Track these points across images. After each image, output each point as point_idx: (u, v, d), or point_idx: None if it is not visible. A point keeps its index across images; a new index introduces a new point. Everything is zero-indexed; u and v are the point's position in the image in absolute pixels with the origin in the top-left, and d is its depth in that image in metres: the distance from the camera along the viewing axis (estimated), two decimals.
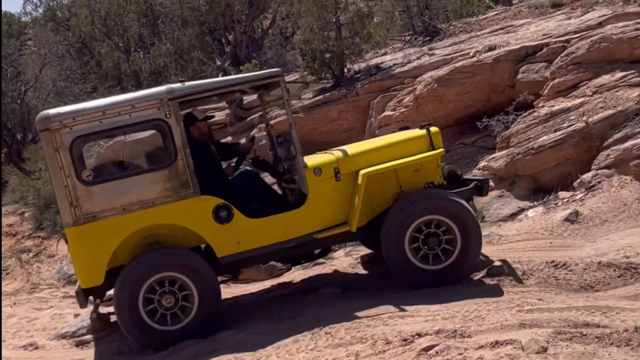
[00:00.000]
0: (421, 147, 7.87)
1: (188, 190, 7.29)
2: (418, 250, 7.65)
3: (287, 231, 7.55)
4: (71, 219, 7.16)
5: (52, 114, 7.21)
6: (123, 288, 7.17)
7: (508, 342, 6.01)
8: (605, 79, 11.34)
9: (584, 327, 6.40)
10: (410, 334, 6.36)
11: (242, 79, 7.77)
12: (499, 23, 16.54)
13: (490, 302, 7.20)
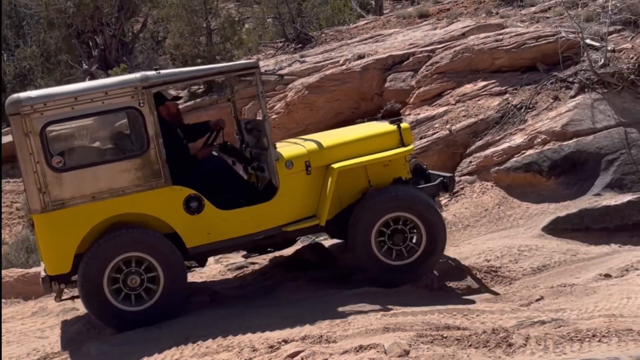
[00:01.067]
0: (391, 142, 7.92)
1: (159, 179, 7.20)
2: (384, 245, 7.70)
3: (256, 223, 7.53)
4: (39, 206, 7.00)
5: (22, 97, 6.98)
6: (89, 265, 7.03)
7: (372, 346, 6.11)
8: (468, 88, 11.74)
9: (445, 329, 6.57)
10: (276, 340, 6.38)
11: (218, 69, 7.80)
12: (369, 32, 16.85)
13: (357, 307, 7.31)
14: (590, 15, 12.14)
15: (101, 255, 7.07)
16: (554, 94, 10.98)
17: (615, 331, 6.33)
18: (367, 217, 7.62)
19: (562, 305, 7.28)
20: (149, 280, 7.21)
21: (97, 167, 7.13)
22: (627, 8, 11.75)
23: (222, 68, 7.78)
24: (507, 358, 5.94)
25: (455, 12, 16.15)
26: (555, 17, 13.10)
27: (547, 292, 7.68)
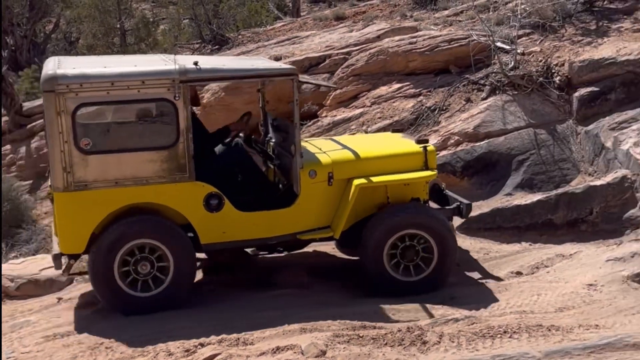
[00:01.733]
0: (415, 163, 7.93)
1: (184, 174, 7.20)
2: (395, 260, 7.70)
3: (273, 228, 7.55)
4: (62, 184, 6.98)
5: (59, 75, 6.89)
6: (103, 247, 7.10)
7: (289, 347, 6.14)
8: (383, 90, 11.87)
9: (361, 329, 6.65)
10: (193, 344, 6.35)
11: (258, 72, 7.60)
12: (286, 34, 16.86)
13: (274, 309, 7.32)
14: (500, 19, 12.42)
15: (116, 239, 7.13)
16: (467, 95, 11.21)
17: (526, 327, 6.51)
18: (381, 232, 7.63)
19: (475, 303, 7.43)
20: (159, 268, 7.27)
21: (123, 154, 7.13)
22: (535, 12, 12.06)
23: (262, 72, 7.62)
24: (421, 355, 6.04)
25: (371, 15, 16.31)
26: (467, 21, 13.37)
27: (461, 290, 7.82)
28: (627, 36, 11.38)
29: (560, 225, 9.19)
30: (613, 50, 10.75)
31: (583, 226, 9.18)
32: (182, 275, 7.32)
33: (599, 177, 9.63)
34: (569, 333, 6.34)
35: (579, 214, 9.18)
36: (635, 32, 11.51)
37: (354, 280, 8.03)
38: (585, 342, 6.01)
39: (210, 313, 7.19)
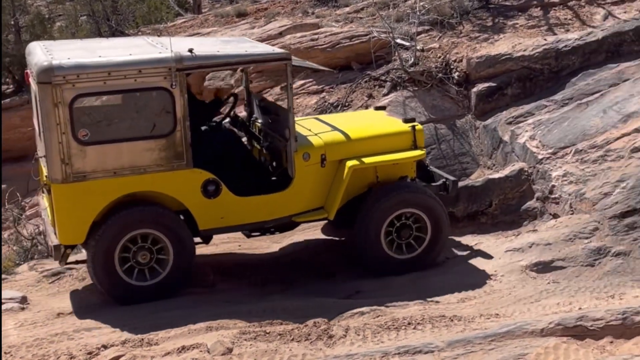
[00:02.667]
0: (405, 142, 8.09)
1: (181, 161, 7.23)
2: (390, 239, 7.91)
3: (269, 212, 7.67)
4: (60, 176, 6.95)
5: (55, 65, 6.79)
6: (103, 238, 7.13)
7: (194, 346, 6.09)
8: None
9: (267, 325, 6.65)
10: (95, 346, 6.22)
11: (252, 57, 7.56)
12: (187, 31, 16.68)
13: (179, 308, 7.24)
14: (400, 16, 12.58)
15: (116, 229, 7.15)
16: (368, 92, 11.32)
17: (430, 318, 6.63)
18: (380, 211, 7.81)
19: (380, 296, 7.52)
20: (157, 257, 7.33)
21: (121, 144, 7.08)
22: (434, 9, 12.27)
23: (256, 57, 7.58)
24: (327, 350, 6.08)
25: (273, 12, 16.29)
26: (368, 18, 13.49)
27: (367, 284, 7.90)
28: (522, 32, 11.71)
29: (461, 217, 9.37)
30: (509, 46, 11.05)
31: (483, 218, 9.39)
32: (181, 264, 7.39)
33: (497, 170, 9.89)
34: (470, 322, 6.49)
35: (478, 206, 9.39)
36: (529, 28, 11.85)
37: (260, 277, 8.02)
38: (486, 331, 6.17)
39: (114, 314, 7.06)
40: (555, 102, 10.31)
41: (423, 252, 8.05)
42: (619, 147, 8.91)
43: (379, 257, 7.94)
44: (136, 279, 7.32)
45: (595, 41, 10.93)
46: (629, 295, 6.83)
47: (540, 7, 12.32)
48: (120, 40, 8.37)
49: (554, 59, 10.83)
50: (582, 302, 6.77)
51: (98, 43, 8.08)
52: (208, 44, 8.01)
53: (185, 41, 7.85)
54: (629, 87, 9.89)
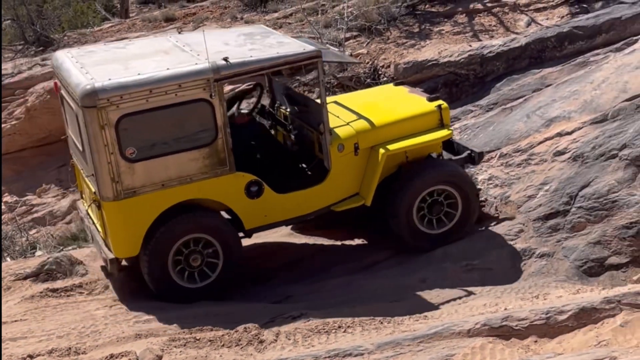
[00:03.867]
0: (432, 122, 8.28)
1: (225, 167, 7.43)
2: (422, 214, 8.17)
3: (309, 205, 7.91)
4: (112, 194, 7.13)
5: (98, 89, 6.87)
6: (157, 245, 7.31)
7: (123, 354, 6.03)
8: None
9: (198, 332, 6.61)
10: (21, 356, 6.10)
11: (285, 59, 7.52)
12: (114, 35, 16.48)
13: (109, 316, 7.15)
14: (328, 21, 12.68)
15: (169, 236, 7.35)
16: None
17: (360, 321, 6.68)
18: (413, 190, 8.04)
19: (311, 300, 7.56)
20: (209, 259, 7.56)
21: (167, 157, 7.23)
22: (362, 15, 12.40)
23: (289, 58, 7.53)
24: (258, 355, 6.09)
25: (202, 17, 16.23)
26: (297, 23, 13.56)
27: (298, 288, 7.93)
28: (448, 39, 11.92)
29: None
30: (435, 52, 11.23)
31: None
32: (231, 265, 7.62)
33: None
34: (399, 324, 6.57)
35: None
36: (455, 34, 12.07)
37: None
38: (414, 333, 6.25)
39: (39, 322, 6.93)
40: (480, 107, 10.53)
41: (454, 226, 8.34)
42: (542, 151, 9.13)
43: (411, 231, 8.20)
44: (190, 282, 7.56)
45: (519, 47, 11.19)
46: (553, 296, 7.00)
47: (465, 13, 12.56)
48: (145, 44, 8.25)
49: (479, 65, 11.07)
50: (508, 303, 6.91)
51: (124, 49, 8.03)
52: (233, 42, 7.97)
53: (209, 38, 7.74)
54: (551, 92, 10.15)
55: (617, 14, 11.22)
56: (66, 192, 12.60)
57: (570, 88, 9.94)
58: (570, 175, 8.62)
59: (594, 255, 7.97)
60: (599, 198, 8.27)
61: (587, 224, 8.20)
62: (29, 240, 10.55)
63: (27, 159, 12.99)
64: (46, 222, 11.94)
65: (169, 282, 7.48)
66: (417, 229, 8.23)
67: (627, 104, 9.12)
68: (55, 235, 10.99)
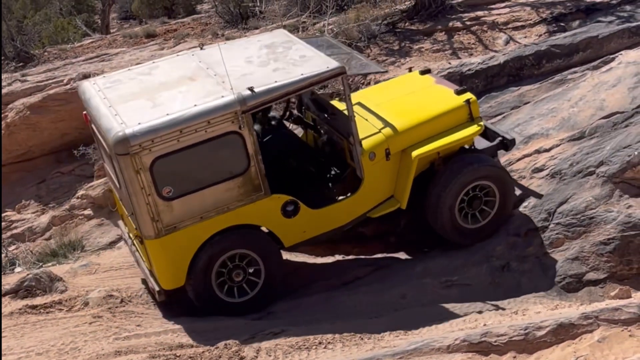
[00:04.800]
0: (461, 117, 8.25)
1: (260, 192, 7.51)
2: (462, 210, 8.20)
3: (346, 216, 7.98)
4: (153, 232, 7.25)
5: (129, 136, 6.91)
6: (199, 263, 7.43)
7: None
8: None
9: (178, 348, 6.62)
10: None
11: (311, 80, 7.50)
12: (95, 51, 16.47)
13: (88, 333, 7.13)
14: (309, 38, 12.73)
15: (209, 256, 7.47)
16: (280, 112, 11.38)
17: (340, 337, 6.71)
18: (453, 189, 8.04)
19: (291, 316, 7.56)
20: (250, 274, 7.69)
21: (203, 191, 7.32)
22: (342, 33, 12.47)
23: (314, 79, 7.51)
24: None
25: (182, 33, 16.26)
26: None
27: (279, 305, 7.93)
28: (428, 56, 12.01)
29: (371, 237, 9.49)
30: None
31: (392, 238, 9.54)
32: (273, 277, 7.74)
33: None
34: (380, 340, 6.60)
35: (388, 226, 9.52)
36: (435, 52, 12.16)
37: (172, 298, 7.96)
38: (394, 349, 6.28)
39: (18, 339, 6.90)
40: None
41: (492, 219, 8.39)
42: (521, 168, 9.20)
43: (452, 228, 8.27)
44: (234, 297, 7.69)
45: (498, 65, 11.29)
46: (531, 311, 7.06)
47: (444, 31, 12.67)
48: (170, 67, 8.15)
49: (458, 82, 11.12)
50: (487, 319, 6.95)
51: (149, 75, 7.98)
52: (255, 58, 7.95)
53: (231, 54, 7.86)
54: (529, 109, 10.24)
55: (594, 32, 11.37)
56: (45, 208, 12.55)
57: (548, 105, 10.05)
58: (549, 192, 8.70)
59: (572, 271, 8.04)
60: (577, 214, 8.35)
61: (565, 240, 8.27)
62: (8, 257, 10.48)
63: (6, 174, 12.90)
64: (25, 238, 11.86)
65: (214, 298, 7.61)
66: (459, 225, 8.30)
67: (604, 121, 9.23)
68: (34, 252, 10.92)
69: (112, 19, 26.91)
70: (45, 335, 7.10)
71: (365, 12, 13.26)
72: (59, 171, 12.94)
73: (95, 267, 9.18)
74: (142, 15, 23.92)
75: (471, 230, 8.40)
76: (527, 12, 12.73)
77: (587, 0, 12.61)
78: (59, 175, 12.89)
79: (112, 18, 26.83)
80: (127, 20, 26.90)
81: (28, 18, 18.84)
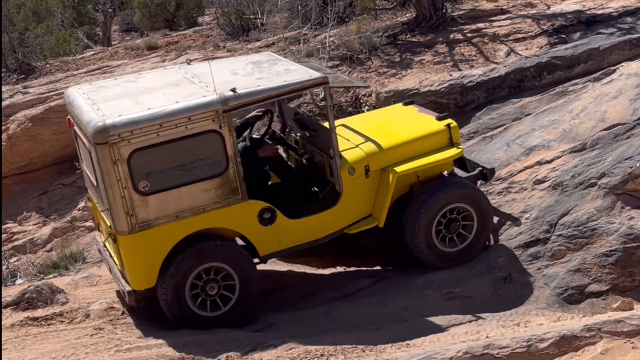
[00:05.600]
0: (442, 141, 8.29)
1: (237, 196, 7.47)
2: (440, 233, 8.19)
3: (323, 229, 7.94)
4: (127, 228, 7.18)
5: (109, 125, 6.91)
6: (173, 276, 7.34)
7: None
8: None
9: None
10: None
11: (292, 87, 7.55)
12: (96, 63, 16.54)
13: (89, 345, 7.11)
14: (310, 50, 12.78)
15: (184, 266, 7.38)
16: None
17: (342, 349, 6.69)
18: (430, 209, 8.03)
19: (293, 328, 7.54)
20: (225, 287, 7.58)
21: (180, 189, 7.27)
22: (344, 44, 12.52)
23: (296, 86, 7.58)
24: None
25: (184, 45, 16.32)
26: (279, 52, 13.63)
27: (280, 317, 7.92)
28: (429, 68, 12.04)
29: (373, 249, 9.47)
30: (416, 82, 11.33)
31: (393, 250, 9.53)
32: (247, 290, 7.64)
33: None
34: (382, 353, 6.59)
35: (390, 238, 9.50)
36: (436, 64, 12.19)
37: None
38: None
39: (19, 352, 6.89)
40: (461, 136, 10.59)
41: (470, 243, 8.35)
42: (523, 179, 9.21)
43: (430, 251, 8.23)
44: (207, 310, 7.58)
45: (499, 77, 11.32)
46: (534, 323, 7.05)
47: (445, 43, 12.70)
48: (156, 77, 8.22)
49: (460, 94, 11.18)
50: (489, 331, 6.94)
51: (135, 83, 8.02)
52: (240, 71, 8.00)
53: (218, 68, 7.88)
54: (530, 121, 10.26)
55: (595, 44, 11.40)
56: (47, 220, 12.56)
57: (550, 117, 10.06)
58: (550, 204, 8.70)
59: (574, 282, 8.03)
60: (579, 226, 8.35)
61: (567, 252, 8.27)
62: (9, 269, 10.48)
63: (8, 186, 12.94)
64: (27, 250, 11.88)
65: (186, 310, 7.51)
66: (436, 247, 8.27)
67: (606, 133, 9.25)
68: (36, 264, 10.93)
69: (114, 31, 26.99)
70: (46, 347, 7.09)
71: (367, 24, 13.33)
72: (61, 183, 12.97)
73: (97, 279, 9.18)
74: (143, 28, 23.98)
75: (448, 254, 8.35)
76: (528, 24, 12.77)
77: (588, 12, 12.64)
78: (61, 187, 12.92)
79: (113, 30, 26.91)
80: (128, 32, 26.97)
81: (30, 30, 18.91)
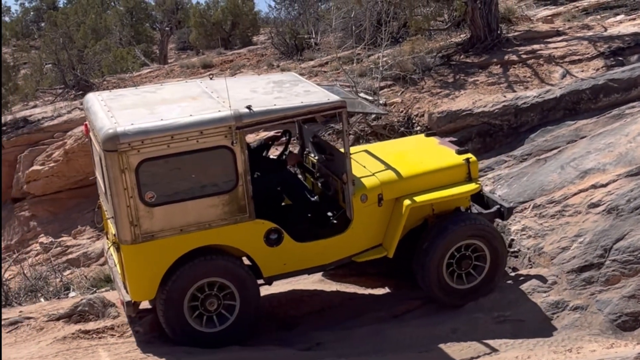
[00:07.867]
0: (459, 176, 8.15)
1: (244, 214, 7.36)
2: (451, 269, 8.02)
3: (330, 255, 7.80)
4: (130, 237, 7.11)
5: (120, 133, 6.87)
6: (173, 289, 7.25)
7: None
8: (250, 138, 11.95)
9: None
10: None
11: (309, 109, 7.46)
12: (152, 81, 16.78)
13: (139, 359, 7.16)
14: (364, 70, 12.80)
15: (184, 280, 7.28)
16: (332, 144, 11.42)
17: None
18: (442, 244, 7.89)
19: (340, 347, 7.51)
20: (225, 304, 7.48)
21: (186, 203, 7.20)
22: (397, 65, 12.51)
23: (312, 108, 7.49)
24: None
25: (238, 64, 16.49)
26: (332, 72, 13.70)
27: (327, 335, 7.89)
28: (483, 89, 11.96)
29: None
30: (469, 102, 11.26)
31: None
32: (248, 308, 7.52)
33: None
34: None
35: None
36: (489, 85, 12.12)
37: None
38: None
39: None
40: (514, 158, 10.51)
41: (482, 281, 8.19)
42: (577, 203, 9.08)
43: (439, 287, 8.07)
44: (205, 326, 7.47)
45: (554, 99, 11.21)
46: (586, 349, 6.92)
47: (500, 64, 12.62)
48: (174, 88, 8.26)
49: (513, 115, 11.08)
50: (541, 356, 6.83)
51: (154, 93, 8.03)
52: (260, 89, 7.98)
53: (238, 85, 7.89)
54: (585, 143, 10.12)
55: None
56: (100, 234, 12.73)
57: (605, 140, 9.91)
58: (605, 228, 8.55)
59: (629, 309, 7.86)
60: (634, 251, 8.18)
61: (622, 277, 8.11)
62: (62, 281, 10.64)
63: (63, 200, 13.17)
64: (80, 263, 12.05)
65: (185, 326, 7.40)
66: (446, 284, 8.09)
67: None
68: (88, 277, 11.08)
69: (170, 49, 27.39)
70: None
71: (420, 45, 13.31)
72: None
73: None
74: (199, 46, 24.31)
75: (458, 291, 8.17)
76: (584, 46, 12.62)
77: None
78: None
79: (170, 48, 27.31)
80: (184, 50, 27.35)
81: (89, 47, 19.27)
